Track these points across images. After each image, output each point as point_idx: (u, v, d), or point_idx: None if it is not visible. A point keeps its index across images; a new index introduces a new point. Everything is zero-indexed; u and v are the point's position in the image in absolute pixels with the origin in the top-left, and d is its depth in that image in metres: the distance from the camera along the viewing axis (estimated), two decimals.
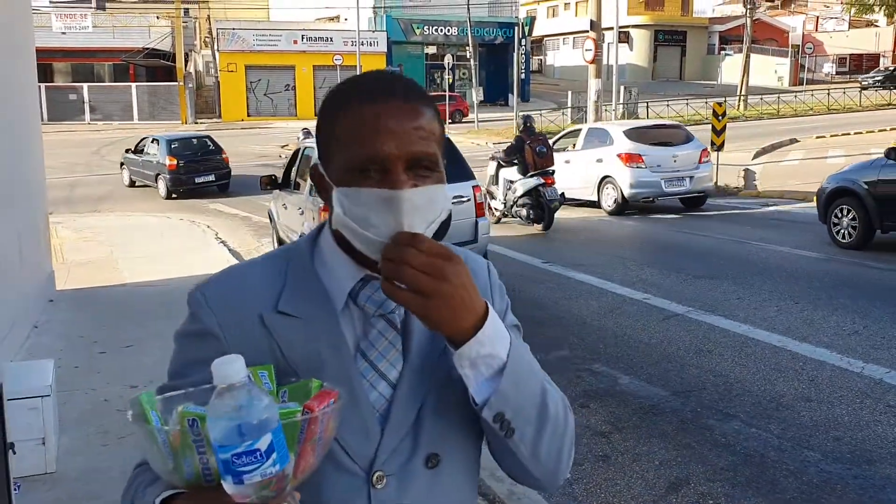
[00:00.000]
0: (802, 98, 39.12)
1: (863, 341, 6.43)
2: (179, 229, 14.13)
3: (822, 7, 66.10)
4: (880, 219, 9.83)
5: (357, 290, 1.18)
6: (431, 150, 1.14)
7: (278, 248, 1.27)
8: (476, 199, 8.62)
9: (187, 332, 1.20)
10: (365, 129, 1.12)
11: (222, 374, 0.95)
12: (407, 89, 1.16)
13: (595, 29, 20.01)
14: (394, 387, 1.17)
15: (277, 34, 44.02)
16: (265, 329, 1.15)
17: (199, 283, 1.21)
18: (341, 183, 1.14)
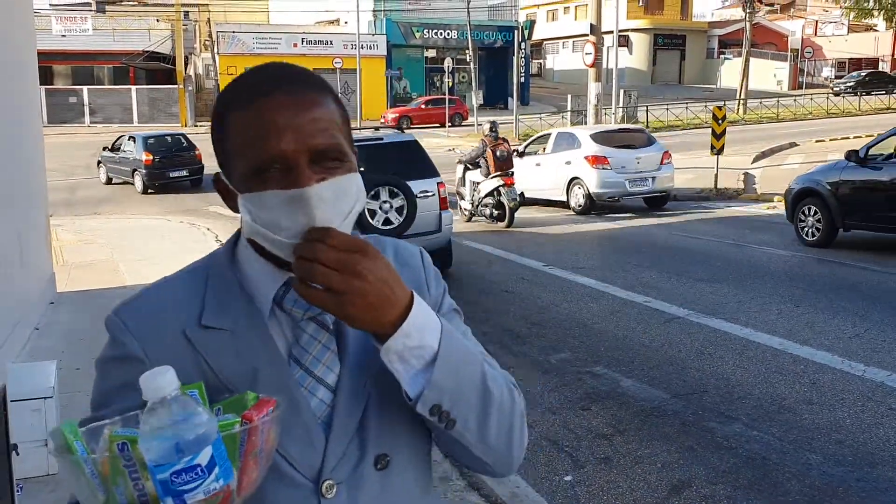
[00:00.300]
0: (802, 102, 39.16)
1: (864, 344, 6.44)
2: (179, 232, 14.13)
3: (821, 11, 66.21)
4: (842, 218, 10.26)
5: (282, 294, 1.13)
6: (334, 140, 1.08)
7: (197, 260, 1.22)
8: (440, 195, 9.24)
9: (108, 358, 1.12)
10: (258, 130, 1.05)
11: (152, 387, 0.89)
12: (297, 79, 1.10)
13: (595, 33, 20.03)
14: (334, 391, 1.12)
15: (277, 37, 44.05)
16: (190, 346, 1.10)
17: (116, 306, 1.16)
18: (245, 190, 1.07)
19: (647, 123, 34.60)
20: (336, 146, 1.08)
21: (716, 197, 16.25)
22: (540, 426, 5.16)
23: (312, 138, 1.05)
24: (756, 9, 42.28)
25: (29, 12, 9.03)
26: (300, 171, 1.04)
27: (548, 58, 64.49)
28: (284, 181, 1.04)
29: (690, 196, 16.67)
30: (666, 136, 30.44)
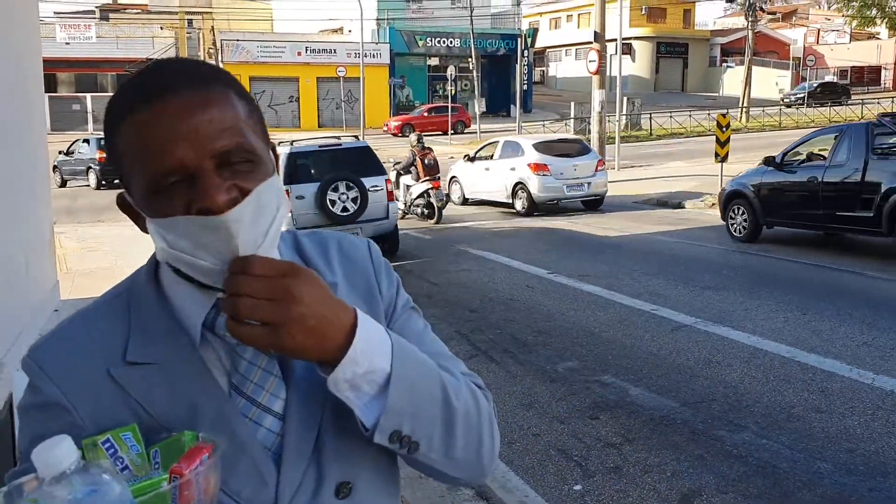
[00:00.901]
0: (804, 110, 39.17)
1: (872, 352, 6.40)
2: None
3: (823, 20, 66.27)
4: (764, 216, 11.59)
5: (212, 318, 1.01)
6: (239, 138, 0.94)
7: (116, 286, 1.09)
8: (387, 189, 11.33)
9: (31, 406, 1.01)
10: (147, 141, 0.92)
11: (47, 462, 0.80)
12: (186, 76, 0.96)
13: (599, 40, 20.04)
14: (282, 419, 1.01)
15: (281, 46, 44.17)
16: (116, 385, 0.98)
17: (32, 347, 1.04)
18: (150, 209, 0.95)
19: (651, 131, 34.67)
20: (242, 145, 0.95)
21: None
22: (548, 435, 5.13)
23: (213, 141, 0.92)
24: (758, 17, 42.36)
25: (34, 20, 9.04)
26: (207, 180, 0.92)
27: (550, 65, 64.61)
28: (191, 194, 0.92)
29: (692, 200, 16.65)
30: (669, 144, 30.50)
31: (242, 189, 0.94)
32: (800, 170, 11.03)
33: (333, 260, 1.13)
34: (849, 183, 10.20)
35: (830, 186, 10.46)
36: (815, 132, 12.17)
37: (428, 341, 1.13)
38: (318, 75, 43.95)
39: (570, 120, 34.54)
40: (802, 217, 11.04)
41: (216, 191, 0.91)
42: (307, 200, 10.81)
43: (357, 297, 1.10)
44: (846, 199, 10.21)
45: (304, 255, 1.12)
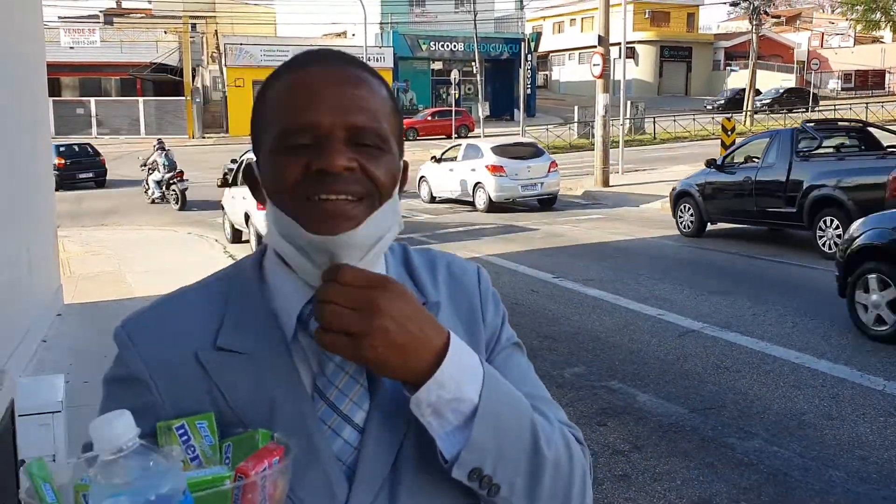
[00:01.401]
0: (809, 114, 39.09)
1: (883, 358, 6.33)
2: (187, 243, 14.09)
3: (827, 23, 66.23)
4: (707, 213, 12.70)
5: (307, 315, 0.98)
6: (377, 123, 0.95)
7: (219, 271, 1.08)
8: None
9: (113, 378, 1.00)
10: (292, 98, 0.95)
11: (104, 436, 0.76)
12: (349, 58, 1.00)
13: (603, 44, 19.99)
14: (361, 432, 0.96)
15: (285, 49, 44.12)
16: (202, 369, 0.96)
17: (127, 318, 1.02)
18: (271, 171, 0.96)
19: (655, 135, 34.60)
20: (377, 130, 0.95)
21: None
22: None
23: (352, 114, 0.94)
24: (762, 21, 42.31)
25: (39, 25, 9.02)
26: (333, 147, 0.92)
27: (554, 69, 64.60)
28: (312, 156, 0.92)
29: None
30: (674, 148, 30.44)
31: (364, 168, 0.94)
32: (738, 171, 12.22)
33: (440, 279, 1.10)
34: (776, 182, 11.36)
35: (762, 185, 11.63)
36: (751, 137, 13.58)
37: (528, 381, 1.07)
38: None
39: (574, 124, 34.49)
40: (740, 213, 12.21)
41: (338, 154, 0.92)
42: None
43: (458, 322, 1.06)
44: (774, 196, 11.35)
45: (411, 269, 1.10)
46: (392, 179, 0.98)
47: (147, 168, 20.96)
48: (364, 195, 0.94)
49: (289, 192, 0.94)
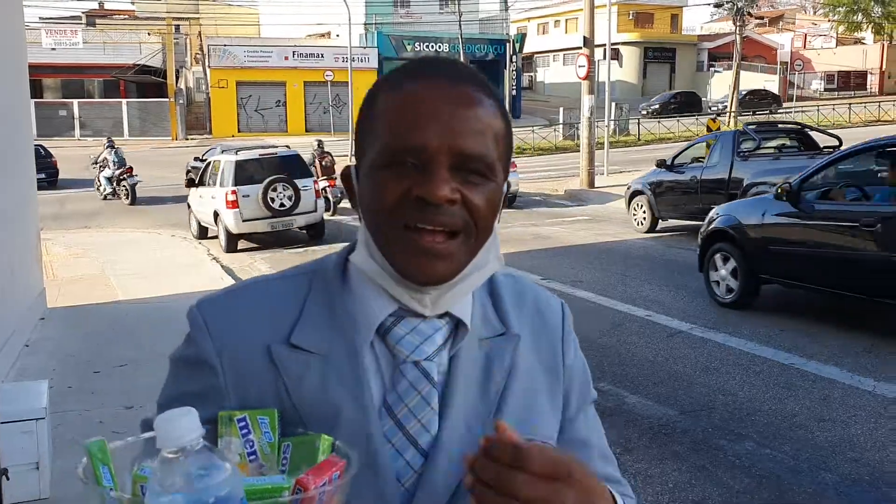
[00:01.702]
0: (792, 115, 39.32)
1: (872, 359, 6.34)
2: (171, 246, 13.97)
3: (810, 25, 66.71)
4: (658, 209, 13.38)
5: (389, 326, 0.95)
6: (485, 149, 0.91)
7: (301, 266, 1.05)
8: (315, 189, 13.82)
9: (180, 358, 0.99)
10: (401, 114, 0.90)
11: (169, 432, 0.73)
12: (467, 72, 0.95)
13: (588, 46, 20.00)
14: (425, 456, 0.93)
15: (268, 50, 44.01)
16: (272, 364, 0.94)
17: (202, 298, 1.00)
18: (371, 184, 0.92)
19: (639, 136, 34.70)
20: (485, 157, 0.91)
21: None
22: None
23: (462, 137, 0.89)
24: (745, 22, 42.52)
25: (20, 26, 8.90)
26: (436, 172, 0.88)
27: (539, 71, 64.66)
28: (414, 180, 0.89)
29: None
30: (658, 149, 30.51)
31: (465, 199, 0.91)
32: (686, 170, 12.96)
33: (525, 311, 1.07)
34: (720, 180, 12.07)
35: (707, 183, 12.31)
36: (699, 139, 14.45)
37: (602, 440, 1.10)
38: (305, 79, 43.80)
39: (560, 125, 34.53)
40: (687, 210, 12.80)
41: (442, 184, 0.88)
42: (252, 198, 13.08)
43: (538, 360, 1.04)
44: (717, 193, 11.86)
45: (496, 296, 1.06)
46: (493, 211, 0.94)
47: (98, 166, 21.99)
48: (461, 229, 0.91)
49: (385, 213, 0.91)
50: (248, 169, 13.39)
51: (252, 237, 13.75)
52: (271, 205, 13.09)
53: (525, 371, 1.01)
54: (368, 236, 0.95)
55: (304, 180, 13.59)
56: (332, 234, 14.35)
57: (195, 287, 9.59)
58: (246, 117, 44.08)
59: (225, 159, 13.80)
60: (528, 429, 0.99)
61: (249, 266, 11.91)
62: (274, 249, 13.50)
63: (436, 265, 0.90)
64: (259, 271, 11.38)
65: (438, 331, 0.97)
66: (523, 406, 1.00)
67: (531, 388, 1.02)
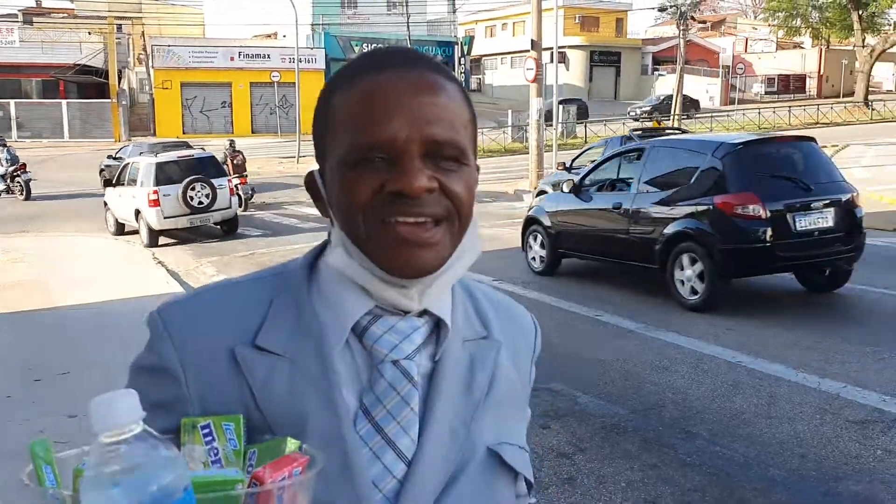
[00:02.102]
0: (734, 117, 40.14)
1: (816, 356, 6.47)
2: (115, 250, 13.68)
3: (750, 29, 68.19)
4: None
5: (365, 325, 0.92)
6: (456, 134, 0.88)
7: (266, 269, 1.01)
8: (229, 187, 14.81)
9: (140, 366, 0.94)
10: (362, 110, 0.86)
11: (102, 416, 0.68)
12: (424, 60, 0.91)
13: (536, 49, 20.13)
14: (407, 463, 0.90)
15: (213, 51, 43.44)
16: (236, 367, 0.89)
17: (164, 303, 0.96)
18: (340, 186, 0.89)
19: (586, 138, 35.06)
20: (457, 142, 0.88)
21: None
22: None
23: (431, 125, 0.86)
24: (688, 26, 43.29)
25: None
26: (409, 161, 0.85)
27: (487, 73, 64.95)
28: (388, 174, 0.86)
29: None
30: None
31: (444, 187, 0.88)
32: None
33: (502, 319, 1.06)
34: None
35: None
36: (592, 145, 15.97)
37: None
38: (251, 80, 43.34)
39: (508, 128, 34.69)
40: None
41: (418, 174, 0.85)
42: (173, 197, 13.99)
43: (514, 367, 1.04)
44: None
45: (476, 301, 1.05)
46: (471, 196, 0.92)
47: None
48: (443, 217, 0.88)
49: (361, 211, 0.88)
50: (168, 170, 14.37)
51: (171, 232, 14.71)
52: (190, 203, 14.09)
53: (504, 378, 1.00)
54: (344, 236, 0.92)
55: (220, 179, 14.68)
56: (244, 228, 15.49)
57: (140, 292, 9.38)
58: (191, 118, 43.45)
59: (145, 161, 14.92)
60: (505, 435, 0.98)
61: (196, 269, 11.70)
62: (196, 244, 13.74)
63: (422, 255, 0.87)
64: (205, 275, 11.19)
65: (417, 330, 0.94)
66: (501, 412, 0.99)
67: (508, 395, 1.01)
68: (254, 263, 11.83)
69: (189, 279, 10.81)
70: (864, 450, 4.71)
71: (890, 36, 46.01)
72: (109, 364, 6.36)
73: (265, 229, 15.74)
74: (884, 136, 31.56)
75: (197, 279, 10.89)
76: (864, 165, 22.15)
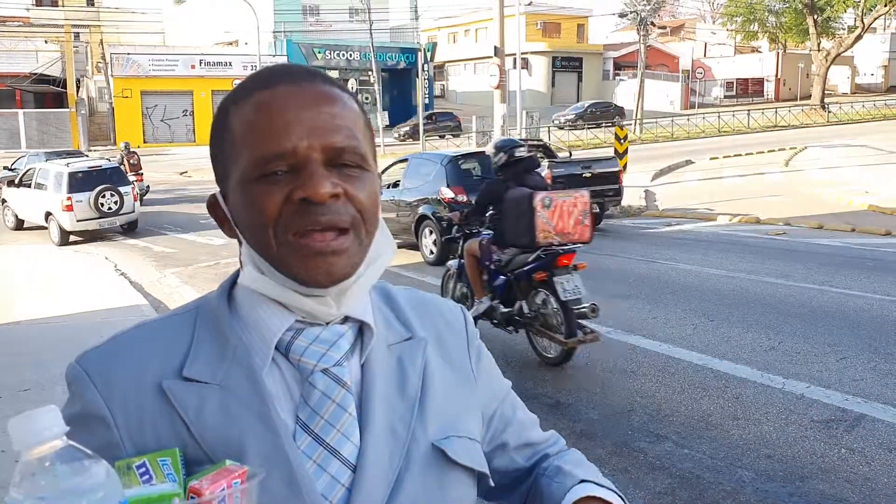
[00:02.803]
0: (694, 121, 40.67)
1: (780, 357, 6.56)
2: (76, 262, 13.45)
3: (709, 34, 69.17)
4: None
5: (289, 340, 0.92)
6: (354, 141, 0.90)
7: (184, 305, 1.02)
8: (133, 194, 16.83)
9: (67, 417, 0.88)
10: (265, 121, 0.87)
11: (23, 432, 0.66)
12: (313, 74, 0.93)
13: (499, 55, 20.20)
14: (352, 468, 0.90)
15: (174, 59, 43.06)
16: (165, 401, 0.88)
17: (82, 352, 0.94)
18: (246, 202, 0.89)
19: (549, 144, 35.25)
20: (356, 148, 0.90)
21: (620, 215, 16.53)
22: None
23: (330, 134, 0.88)
24: (648, 32, 43.79)
25: None
26: (313, 172, 0.87)
27: (450, 79, 65.11)
28: (293, 183, 0.87)
29: None
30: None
31: (348, 194, 0.89)
32: None
33: (428, 317, 1.07)
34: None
35: None
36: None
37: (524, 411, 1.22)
38: (213, 88, 43.02)
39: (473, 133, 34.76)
40: None
41: (322, 180, 0.87)
42: (84, 203, 15.82)
43: (447, 362, 1.05)
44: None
45: (394, 305, 1.06)
46: (375, 202, 0.93)
47: None
48: (350, 225, 0.89)
49: (270, 225, 0.88)
50: (80, 178, 16.25)
51: (80, 233, 16.60)
52: (101, 208, 16.05)
53: (437, 371, 1.01)
54: (255, 254, 0.92)
55: (125, 187, 16.74)
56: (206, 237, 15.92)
57: (102, 304, 9.24)
58: (152, 127, 43.01)
59: (56, 169, 16.73)
60: (452, 426, 0.99)
61: (158, 281, 11.54)
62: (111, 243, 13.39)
63: (333, 263, 0.89)
64: (170, 286, 11.05)
65: (343, 336, 0.95)
66: (444, 405, 1.00)
67: (446, 387, 1.02)
68: (219, 274, 11.71)
69: (152, 290, 10.67)
70: (828, 449, 4.79)
71: (844, 40, 46.99)
72: None
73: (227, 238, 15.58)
74: (840, 138, 32.18)
75: (160, 290, 10.75)
76: (821, 167, 22.57)
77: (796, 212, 15.15)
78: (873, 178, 19.31)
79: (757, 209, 15.67)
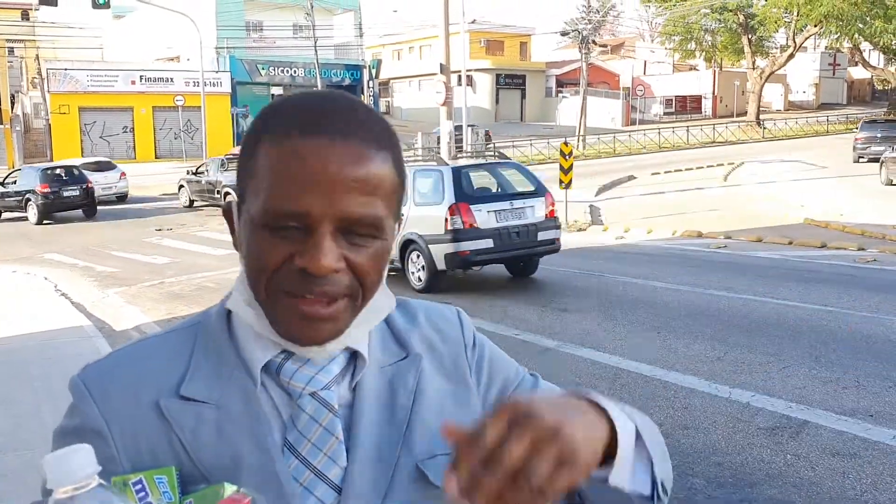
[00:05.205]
0: (636, 137, 41.42)
1: (726, 367, 6.72)
2: (13, 282, 13.08)
3: (648, 52, 70.65)
4: None
5: (280, 363, 0.93)
6: (373, 210, 0.86)
7: (185, 320, 1.02)
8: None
9: (65, 430, 0.92)
10: (284, 173, 0.85)
11: (58, 471, 0.69)
12: (354, 122, 0.87)
13: (445, 72, 20.34)
14: (338, 491, 0.91)
15: (113, 74, 42.32)
16: (163, 420, 0.90)
17: (85, 366, 0.96)
18: (253, 240, 0.88)
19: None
20: (373, 218, 0.87)
21: (567, 230, 16.71)
22: None
23: (346, 203, 0.85)
24: (590, 50, 44.56)
25: None
26: (318, 242, 0.85)
27: (395, 96, 65.24)
28: (298, 245, 0.86)
29: None
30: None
31: (350, 263, 0.88)
32: None
33: (420, 330, 1.05)
34: None
35: None
36: None
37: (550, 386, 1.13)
38: (154, 104, 42.40)
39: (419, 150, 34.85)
40: None
41: (326, 252, 0.85)
42: None
43: (443, 376, 1.02)
44: None
45: (391, 322, 1.03)
46: (380, 269, 0.91)
47: None
48: (347, 294, 0.89)
49: (266, 277, 0.88)
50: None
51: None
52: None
53: (432, 388, 1.00)
54: (247, 286, 0.92)
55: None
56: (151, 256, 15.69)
57: (44, 326, 9.02)
58: (91, 144, 42.10)
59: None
60: (443, 443, 0.94)
61: (101, 301, 11.30)
62: None
63: (319, 329, 0.88)
64: (113, 306, 10.83)
65: (334, 360, 0.94)
66: (436, 420, 0.97)
67: (440, 404, 0.99)
68: (164, 293, 11.52)
69: (94, 310, 10.45)
70: (775, 455, 4.92)
71: (777, 59, 48.46)
72: (16, 402, 6.10)
73: (172, 257, 15.37)
74: (775, 153, 33.12)
75: (103, 311, 10.53)
76: (759, 182, 23.19)
77: (736, 225, 15.53)
78: (808, 193, 19.93)
79: (698, 223, 16.02)
